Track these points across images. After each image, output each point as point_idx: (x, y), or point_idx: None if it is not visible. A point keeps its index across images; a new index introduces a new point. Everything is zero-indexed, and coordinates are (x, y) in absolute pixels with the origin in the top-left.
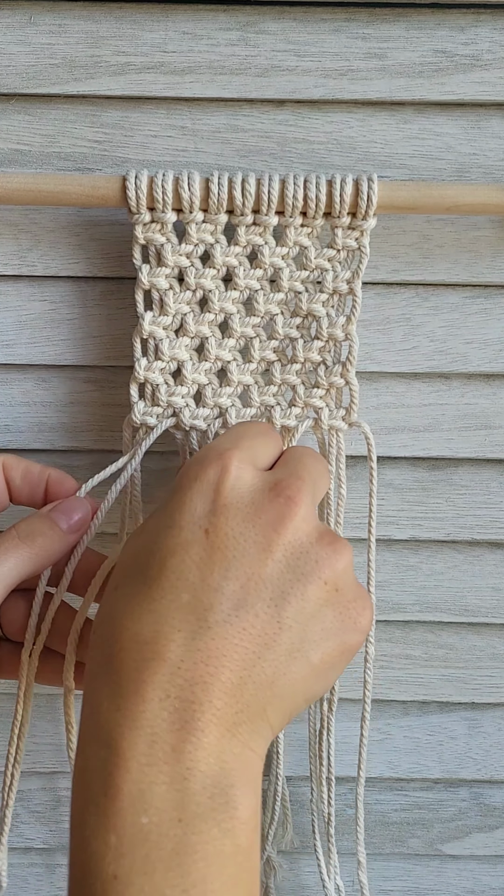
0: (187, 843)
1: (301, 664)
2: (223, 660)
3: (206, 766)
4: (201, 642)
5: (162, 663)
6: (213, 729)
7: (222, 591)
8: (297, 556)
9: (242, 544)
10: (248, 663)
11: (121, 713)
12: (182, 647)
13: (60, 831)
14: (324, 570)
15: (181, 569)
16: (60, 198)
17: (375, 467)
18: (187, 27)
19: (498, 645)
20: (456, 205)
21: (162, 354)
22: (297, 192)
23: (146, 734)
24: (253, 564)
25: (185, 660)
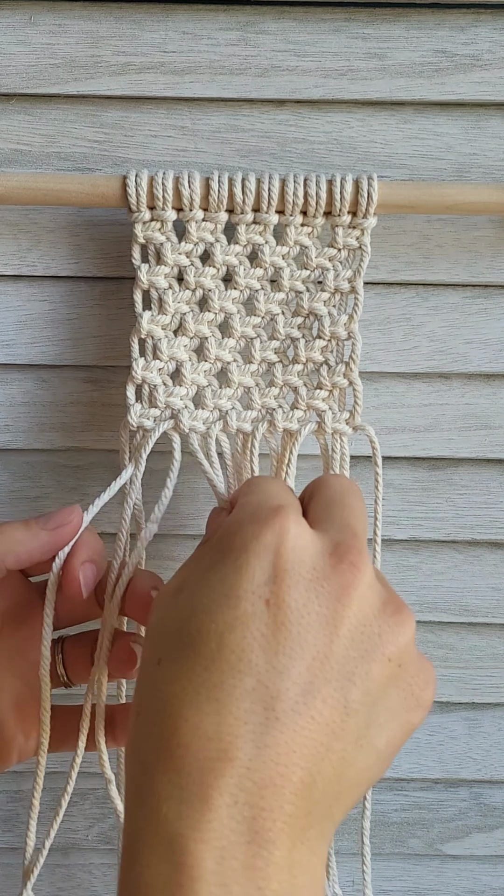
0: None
1: (367, 751)
2: (293, 756)
3: (278, 884)
4: (270, 737)
5: (230, 764)
6: (285, 839)
7: (289, 674)
8: (362, 629)
9: (306, 618)
10: (317, 758)
11: (185, 822)
12: (250, 743)
13: (61, 832)
14: (388, 645)
15: (243, 647)
16: (60, 197)
17: (381, 472)
18: (187, 27)
19: (498, 645)
20: (456, 204)
21: (160, 354)
22: (297, 190)
23: (215, 848)
24: (318, 642)
25: (255, 759)
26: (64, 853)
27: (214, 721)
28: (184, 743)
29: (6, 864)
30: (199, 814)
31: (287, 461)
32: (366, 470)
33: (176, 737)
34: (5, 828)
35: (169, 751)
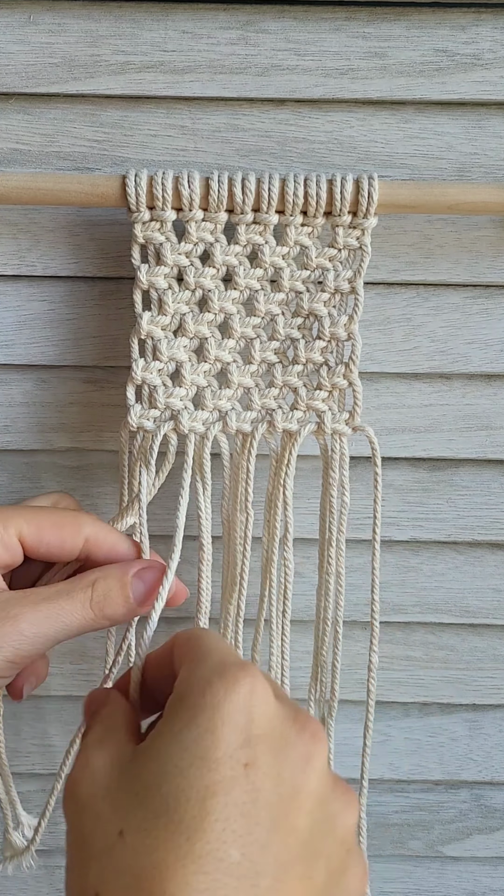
0: None
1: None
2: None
3: None
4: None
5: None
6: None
7: (269, 848)
8: (321, 807)
9: (279, 787)
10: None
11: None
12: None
13: (60, 832)
14: (340, 828)
15: (226, 815)
16: (60, 197)
17: (380, 472)
18: (187, 26)
19: (499, 646)
20: (457, 204)
21: (160, 355)
22: (297, 189)
23: None
24: (289, 814)
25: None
26: (64, 854)
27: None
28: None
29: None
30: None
31: (287, 462)
32: (366, 470)
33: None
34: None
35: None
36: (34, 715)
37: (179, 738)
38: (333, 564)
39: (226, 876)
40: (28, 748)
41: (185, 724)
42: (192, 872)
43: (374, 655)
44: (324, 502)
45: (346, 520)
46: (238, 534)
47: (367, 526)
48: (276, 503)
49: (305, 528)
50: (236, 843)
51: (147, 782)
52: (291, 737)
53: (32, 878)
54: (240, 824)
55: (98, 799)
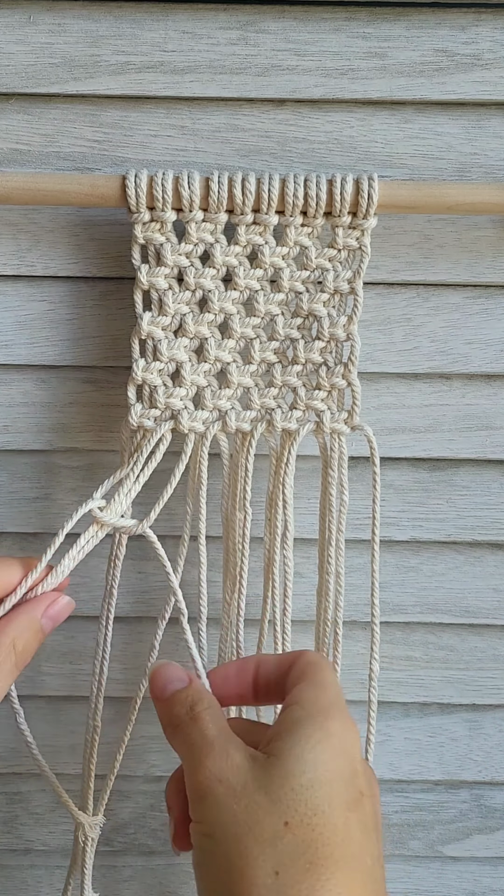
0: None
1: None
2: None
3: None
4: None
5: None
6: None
7: (378, 860)
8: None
9: (376, 813)
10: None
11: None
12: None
13: (59, 833)
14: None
15: (361, 830)
16: (60, 197)
17: (378, 472)
18: (187, 26)
19: (499, 646)
20: (457, 204)
21: (160, 355)
22: (297, 190)
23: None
24: (379, 835)
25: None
26: (64, 855)
27: (352, 889)
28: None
29: (6, 865)
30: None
31: (286, 461)
32: (365, 470)
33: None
34: (4, 829)
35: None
36: (34, 715)
37: (319, 751)
38: (333, 564)
39: (365, 876)
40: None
41: (321, 741)
42: (352, 869)
43: (374, 664)
44: (323, 502)
45: (345, 519)
46: (237, 533)
47: (366, 526)
48: (276, 502)
49: (305, 528)
50: (367, 852)
51: (301, 781)
52: (371, 773)
53: (32, 878)
54: (367, 837)
55: (251, 789)
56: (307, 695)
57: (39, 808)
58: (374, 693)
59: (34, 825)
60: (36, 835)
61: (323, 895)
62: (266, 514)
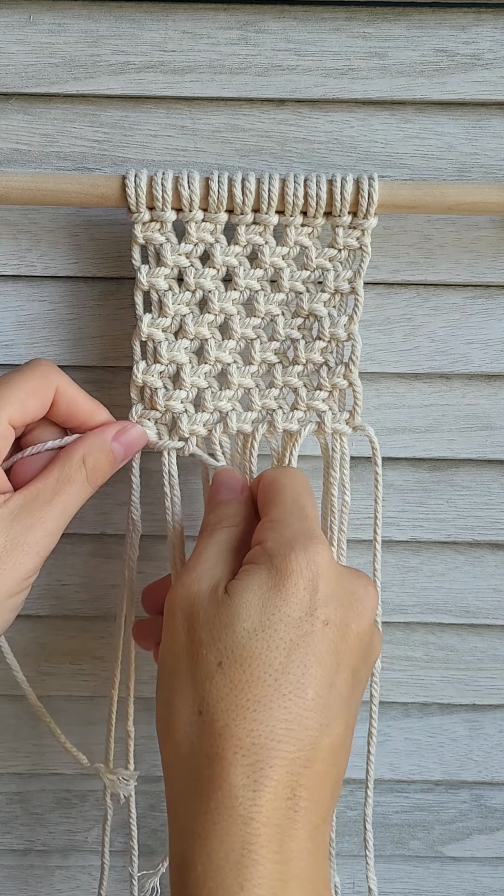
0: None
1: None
2: (339, 755)
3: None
4: (324, 743)
5: (300, 763)
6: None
7: (335, 686)
8: (368, 641)
9: (346, 635)
10: (343, 751)
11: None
12: (309, 746)
13: (59, 833)
14: (374, 647)
15: (305, 663)
16: (60, 197)
17: (381, 472)
18: (187, 26)
19: (499, 646)
20: (457, 204)
21: (161, 357)
22: (297, 190)
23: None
24: (351, 656)
25: (312, 758)
26: (63, 855)
27: (284, 727)
28: (260, 743)
29: (6, 865)
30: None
31: (287, 462)
32: (366, 470)
33: (250, 737)
34: (5, 829)
35: (244, 748)
36: (34, 715)
37: (269, 596)
38: None
39: (302, 710)
40: (28, 748)
41: (274, 584)
42: (277, 707)
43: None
44: (325, 502)
45: (346, 519)
46: None
47: (367, 526)
48: None
49: None
50: (311, 684)
51: (243, 625)
52: (360, 591)
53: (33, 877)
54: (315, 670)
55: (200, 623)
56: (267, 533)
57: (39, 808)
58: (375, 696)
59: (34, 825)
60: (36, 835)
61: (238, 734)
62: None
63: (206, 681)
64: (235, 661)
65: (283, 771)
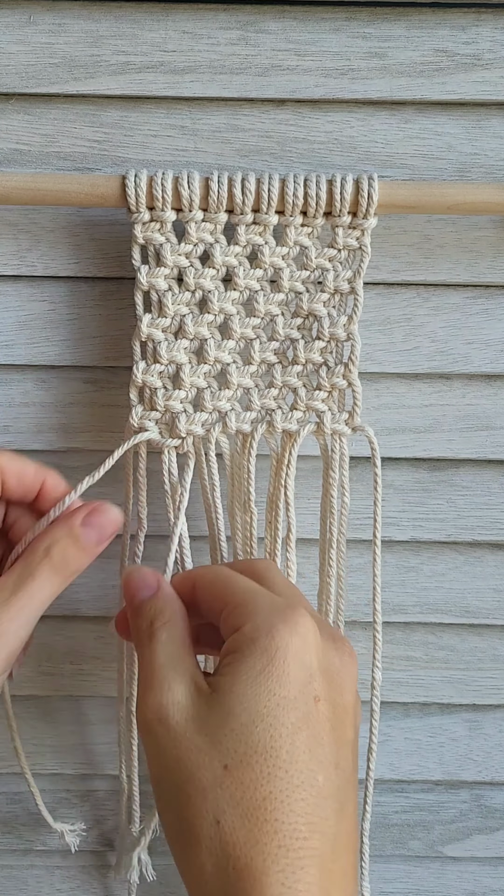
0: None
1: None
2: (351, 837)
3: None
4: (343, 826)
5: (318, 860)
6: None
7: (339, 764)
8: (356, 712)
9: (336, 710)
10: (353, 827)
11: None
12: (328, 834)
13: (59, 834)
14: (359, 724)
15: (309, 746)
16: (60, 197)
17: (380, 473)
18: (187, 26)
19: (499, 646)
20: (457, 204)
21: (160, 357)
22: (297, 190)
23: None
24: (345, 730)
25: (334, 849)
26: (63, 855)
27: (305, 822)
28: (286, 845)
29: (6, 865)
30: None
31: (287, 462)
32: (366, 470)
33: (276, 840)
34: (5, 829)
35: (272, 855)
36: (34, 715)
37: (261, 682)
38: (334, 566)
39: (317, 798)
40: (28, 748)
41: (264, 668)
42: (294, 800)
43: (377, 672)
44: (324, 503)
45: (346, 520)
46: (244, 533)
47: (367, 526)
48: (278, 504)
49: (306, 529)
50: (320, 769)
51: (241, 720)
52: (336, 663)
53: (33, 877)
54: (319, 752)
55: (192, 731)
56: (239, 619)
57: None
58: (376, 701)
59: (34, 825)
60: (36, 835)
61: (262, 839)
62: (267, 516)
63: (215, 787)
64: (241, 760)
65: (315, 871)
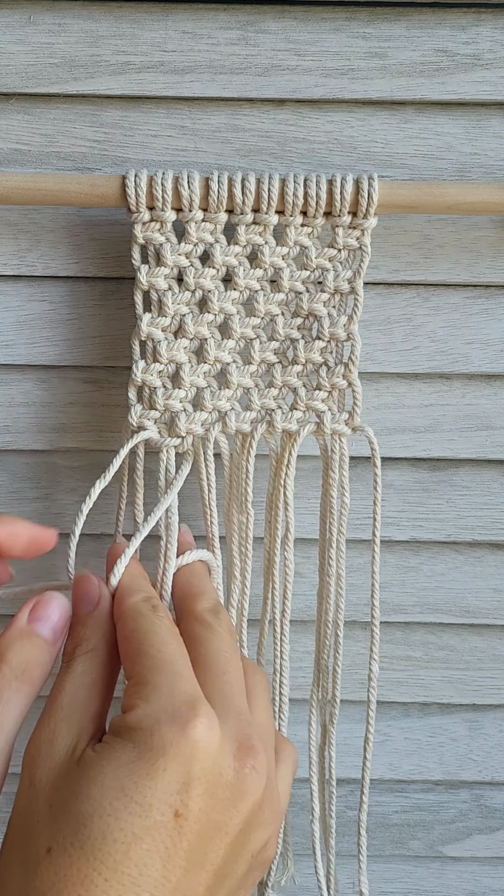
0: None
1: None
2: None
3: None
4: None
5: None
6: None
7: (179, 888)
8: (241, 834)
9: (206, 828)
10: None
11: None
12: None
13: None
14: (256, 843)
15: (145, 861)
16: (60, 197)
17: (380, 473)
18: (187, 26)
19: (499, 646)
20: (457, 204)
21: (160, 357)
22: (297, 190)
23: None
24: (208, 852)
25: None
26: None
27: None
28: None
29: None
30: None
31: (286, 462)
32: (366, 470)
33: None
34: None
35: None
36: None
37: (119, 776)
38: (334, 566)
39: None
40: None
41: (128, 763)
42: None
43: (374, 664)
44: (324, 503)
45: (346, 520)
46: (241, 534)
47: (367, 526)
48: (277, 503)
49: (305, 529)
50: (149, 886)
51: (82, 807)
52: (230, 775)
53: None
54: (156, 869)
55: (43, 795)
56: (133, 699)
57: None
58: (373, 693)
59: None
60: None
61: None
62: (266, 516)
63: (31, 866)
64: (64, 849)
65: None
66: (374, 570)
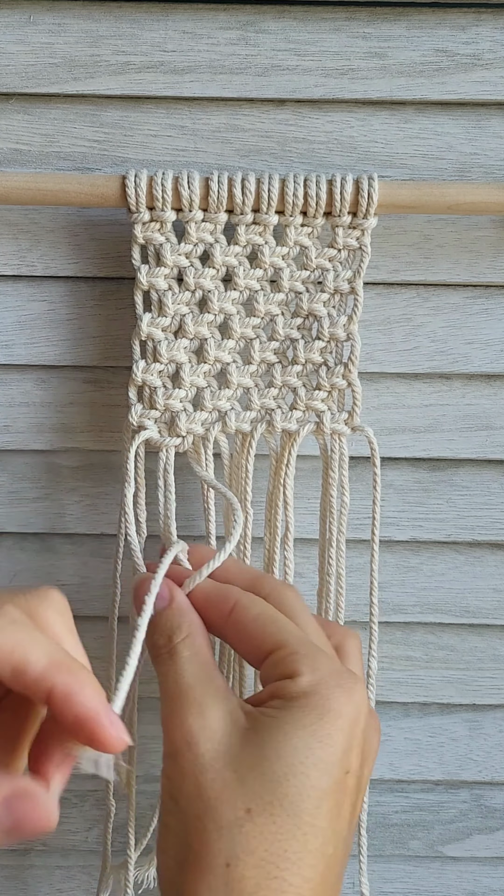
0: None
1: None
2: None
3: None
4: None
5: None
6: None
7: (348, 839)
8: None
9: (360, 783)
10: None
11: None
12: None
13: (59, 833)
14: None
15: (331, 816)
16: (60, 197)
17: (379, 473)
18: (187, 26)
19: (499, 646)
20: (457, 204)
21: (160, 356)
22: (297, 190)
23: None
24: (357, 803)
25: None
26: (64, 855)
27: (310, 888)
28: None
29: (6, 865)
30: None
31: (286, 462)
32: (365, 470)
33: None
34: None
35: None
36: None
37: (305, 737)
38: (334, 565)
39: (325, 867)
40: None
41: (311, 725)
42: (305, 865)
43: (373, 661)
44: (324, 502)
45: (346, 520)
46: None
47: (367, 526)
48: (277, 503)
49: (305, 529)
50: (332, 840)
51: (275, 767)
52: (373, 740)
53: (33, 877)
54: (336, 823)
55: (221, 763)
56: (297, 665)
57: None
58: (371, 691)
59: None
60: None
61: (268, 894)
62: (266, 515)
63: (234, 828)
64: (265, 808)
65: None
66: (374, 569)
